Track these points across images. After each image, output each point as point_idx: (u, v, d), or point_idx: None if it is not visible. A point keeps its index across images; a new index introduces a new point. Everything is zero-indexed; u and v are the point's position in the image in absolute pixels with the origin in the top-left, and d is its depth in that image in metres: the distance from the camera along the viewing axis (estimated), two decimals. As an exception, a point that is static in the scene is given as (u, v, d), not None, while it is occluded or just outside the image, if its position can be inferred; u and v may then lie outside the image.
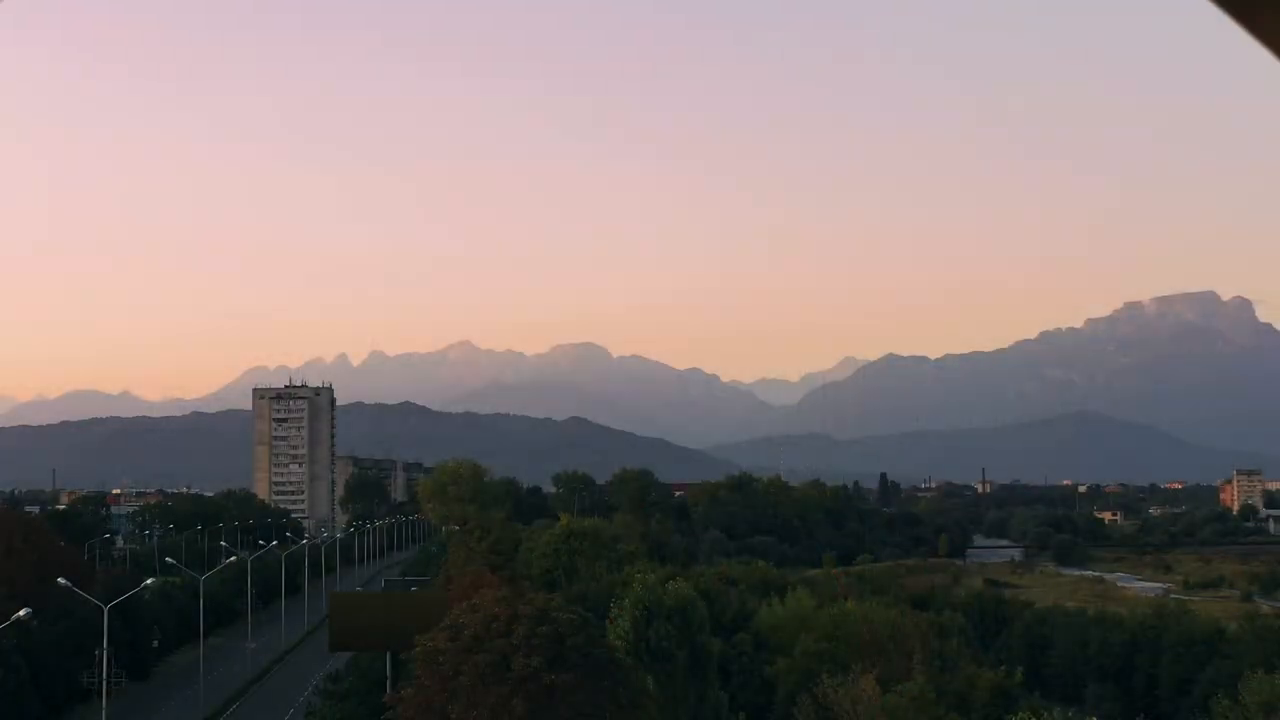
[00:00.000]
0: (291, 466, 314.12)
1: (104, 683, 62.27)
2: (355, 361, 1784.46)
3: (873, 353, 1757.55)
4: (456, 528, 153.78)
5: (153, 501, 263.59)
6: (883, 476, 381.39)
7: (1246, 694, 51.62)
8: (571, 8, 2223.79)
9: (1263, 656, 67.90)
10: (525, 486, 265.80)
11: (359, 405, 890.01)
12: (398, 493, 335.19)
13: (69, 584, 66.10)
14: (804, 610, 75.26)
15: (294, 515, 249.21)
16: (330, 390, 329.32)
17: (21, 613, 43.06)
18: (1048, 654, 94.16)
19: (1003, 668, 67.99)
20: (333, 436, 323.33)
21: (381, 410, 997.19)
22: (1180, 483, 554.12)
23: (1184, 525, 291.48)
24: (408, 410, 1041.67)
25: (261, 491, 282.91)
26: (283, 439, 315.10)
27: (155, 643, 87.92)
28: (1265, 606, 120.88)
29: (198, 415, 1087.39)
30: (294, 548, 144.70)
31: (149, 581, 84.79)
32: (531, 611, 41.69)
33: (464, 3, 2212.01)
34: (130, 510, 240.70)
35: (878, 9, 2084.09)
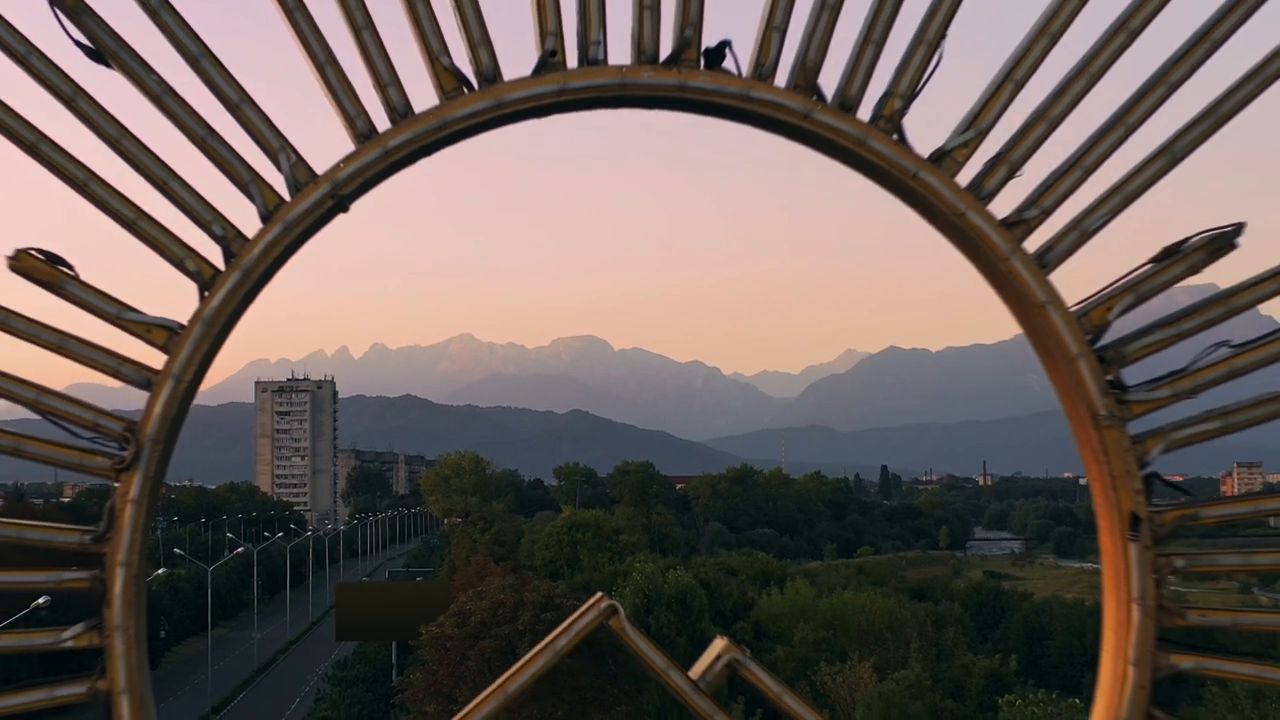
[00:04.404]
0: (294, 460, 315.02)
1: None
2: (356, 354, 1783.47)
3: (874, 345, 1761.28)
4: (459, 520, 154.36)
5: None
6: (884, 469, 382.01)
7: (1237, 682, 52.28)
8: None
9: (1257, 646, 68.53)
10: (527, 479, 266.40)
11: (360, 398, 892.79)
12: (400, 486, 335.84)
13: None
14: (803, 600, 75.82)
15: (296, 508, 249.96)
16: (332, 383, 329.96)
17: (40, 600, 43.79)
18: (1046, 644, 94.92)
19: (998, 656, 68.88)
20: (335, 430, 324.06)
21: (383, 403, 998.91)
22: (1181, 475, 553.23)
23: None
24: (409, 403, 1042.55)
25: (264, 485, 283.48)
26: (285, 432, 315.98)
27: (162, 633, 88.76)
28: (1264, 598, 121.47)
29: (199, 408, 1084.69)
30: (298, 540, 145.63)
31: (158, 572, 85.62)
32: (536, 598, 42.59)
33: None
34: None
35: None
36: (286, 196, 5.50)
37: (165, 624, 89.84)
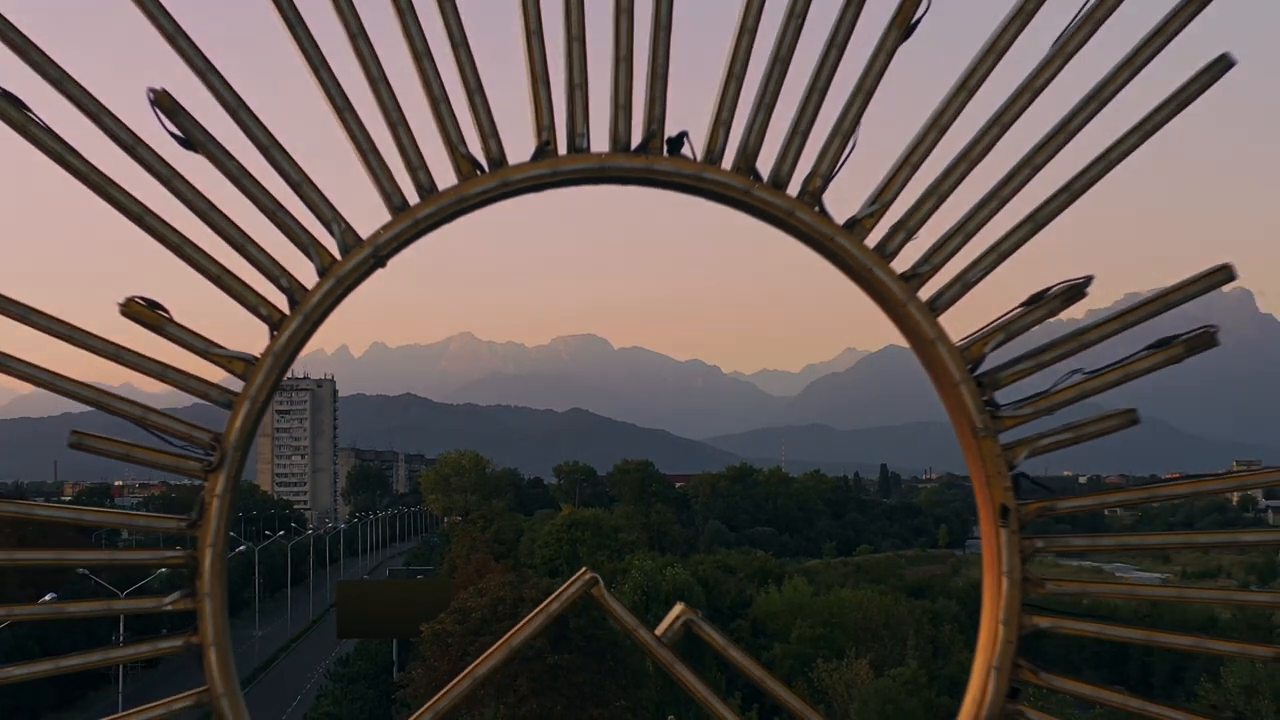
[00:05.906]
0: (294, 458, 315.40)
1: (120, 668, 63.89)
2: (356, 353, 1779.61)
3: (874, 344, 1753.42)
4: (459, 518, 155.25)
5: (157, 493, 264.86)
6: (883, 467, 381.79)
7: (1228, 677, 53.01)
8: None
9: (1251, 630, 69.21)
10: (527, 478, 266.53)
11: (360, 397, 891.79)
12: (400, 484, 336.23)
13: (86, 572, 67.99)
14: (801, 598, 76.41)
15: (296, 507, 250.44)
16: (332, 382, 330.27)
17: (47, 597, 44.96)
18: (1043, 642, 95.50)
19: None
20: (335, 428, 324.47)
21: (383, 402, 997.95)
22: (1180, 474, 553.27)
23: (1183, 516, 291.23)
24: (409, 402, 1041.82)
25: (264, 483, 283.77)
26: (285, 430, 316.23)
27: (164, 631, 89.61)
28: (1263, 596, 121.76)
29: (199, 406, 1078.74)
30: (299, 538, 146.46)
31: (160, 570, 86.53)
32: (536, 595, 43.46)
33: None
34: (135, 501, 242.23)
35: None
36: (338, 256, 6.94)
37: (167, 621, 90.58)
